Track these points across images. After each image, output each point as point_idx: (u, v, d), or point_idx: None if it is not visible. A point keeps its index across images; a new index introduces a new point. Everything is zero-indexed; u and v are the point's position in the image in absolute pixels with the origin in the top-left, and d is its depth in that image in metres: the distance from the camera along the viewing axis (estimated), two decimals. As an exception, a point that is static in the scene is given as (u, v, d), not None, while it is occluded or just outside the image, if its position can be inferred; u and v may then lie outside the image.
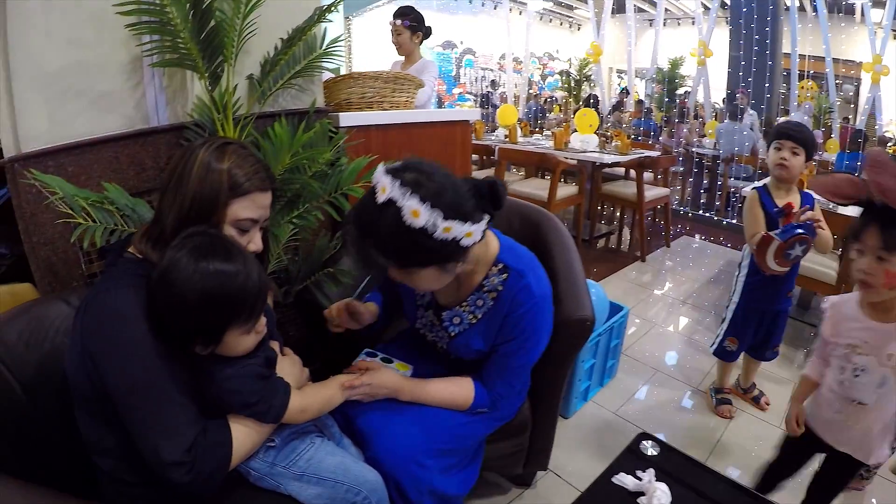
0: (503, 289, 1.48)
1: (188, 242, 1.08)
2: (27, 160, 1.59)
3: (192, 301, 1.04)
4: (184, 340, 1.09)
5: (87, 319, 1.10)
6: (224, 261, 1.07)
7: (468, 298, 1.53)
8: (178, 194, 1.16)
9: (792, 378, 3.07)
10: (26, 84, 1.59)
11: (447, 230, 1.20)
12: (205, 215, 1.16)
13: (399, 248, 1.24)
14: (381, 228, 1.21)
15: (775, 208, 2.30)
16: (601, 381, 2.89)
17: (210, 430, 1.12)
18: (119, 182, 1.65)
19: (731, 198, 6.90)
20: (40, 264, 1.67)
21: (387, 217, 1.20)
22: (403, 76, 2.46)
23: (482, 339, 1.54)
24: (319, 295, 1.86)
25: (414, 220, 1.18)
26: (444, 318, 1.58)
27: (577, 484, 2.18)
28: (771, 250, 2.12)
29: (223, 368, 1.13)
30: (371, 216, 1.22)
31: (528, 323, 1.47)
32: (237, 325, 1.10)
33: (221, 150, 1.20)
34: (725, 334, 2.63)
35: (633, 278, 4.65)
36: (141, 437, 1.06)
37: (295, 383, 1.30)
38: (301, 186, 1.75)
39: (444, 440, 1.50)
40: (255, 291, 1.10)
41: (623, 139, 5.33)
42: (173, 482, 1.04)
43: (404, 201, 1.18)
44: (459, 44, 12.52)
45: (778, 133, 2.34)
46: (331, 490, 1.29)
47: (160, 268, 1.07)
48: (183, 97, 1.88)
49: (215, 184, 1.16)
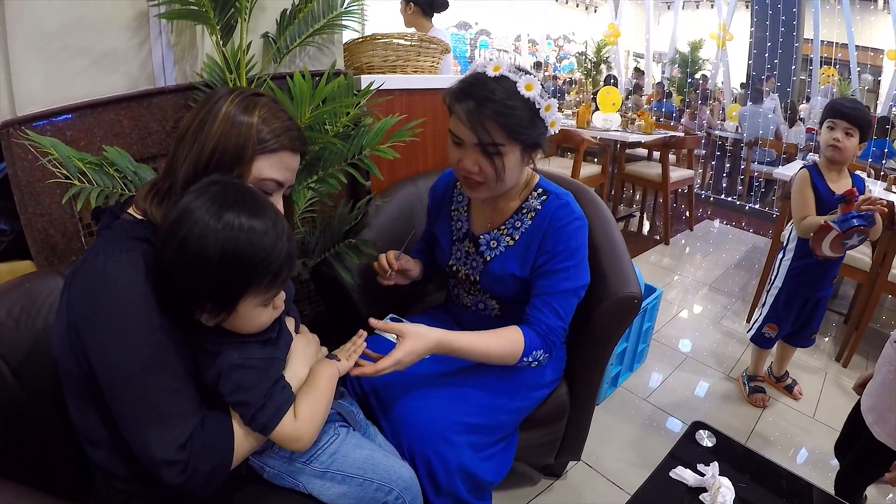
0: (542, 208, 1.50)
1: (209, 189, 0.92)
2: (22, 123, 1.47)
3: (210, 256, 0.87)
4: (190, 305, 0.93)
5: (73, 290, 0.95)
6: (252, 215, 0.90)
7: (506, 222, 1.54)
8: (196, 142, 1.00)
9: (822, 367, 2.97)
10: (22, 43, 1.47)
11: (548, 108, 1.35)
12: (225, 170, 1.00)
13: (515, 114, 1.31)
14: (501, 94, 1.30)
15: (833, 194, 2.20)
16: (631, 366, 2.79)
17: (209, 423, 0.96)
18: (122, 147, 1.52)
19: (753, 182, 6.76)
20: (37, 237, 1.55)
21: (504, 86, 1.31)
22: (429, 39, 2.31)
23: (518, 262, 1.50)
24: (340, 268, 1.72)
25: (527, 92, 1.31)
26: (482, 242, 1.57)
27: (609, 475, 2.07)
28: (828, 239, 2.00)
29: (229, 352, 0.97)
30: (488, 86, 1.31)
31: (569, 241, 1.45)
32: (257, 292, 0.94)
33: (252, 101, 1.04)
34: (765, 320, 2.51)
35: (657, 261, 4.53)
36: (129, 429, 0.91)
37: (309, 366, 1.14)
38: (322, 147, 1.61)
39: (472, 412, 1.42)
40: (284, 256, 0.94)
41: (647, 119, 5.17)
42: (165, 483, 0.89)
43: (518, 77, 1.32)
44: (474, 24, 12.32)
45: (832, 111, 2.19)
46: (358, 489, 1.16)
47: (172, 215, 0.90)
48: (192, 56, 1.75)
49: (241, 137, 1.00)
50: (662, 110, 9.14)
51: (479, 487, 1.41)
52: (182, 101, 1.71)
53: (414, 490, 1.25)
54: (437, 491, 1.34)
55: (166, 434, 0.89)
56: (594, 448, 2.18)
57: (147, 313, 0.92)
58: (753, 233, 5.55)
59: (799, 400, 2.65)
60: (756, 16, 9.45)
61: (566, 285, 1.44)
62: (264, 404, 0.98)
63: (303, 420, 1.03)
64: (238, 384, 0.96)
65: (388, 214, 2.00)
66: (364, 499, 1.16)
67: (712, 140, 7.70)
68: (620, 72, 11.46)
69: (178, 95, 1.70)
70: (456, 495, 1.36)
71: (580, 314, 1.52)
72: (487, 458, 1.44)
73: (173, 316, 0.95)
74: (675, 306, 3.69)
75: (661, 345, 3.14)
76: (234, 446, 0.97)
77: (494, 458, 1.47)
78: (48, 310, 1.22)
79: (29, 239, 1.56)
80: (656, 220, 5.65)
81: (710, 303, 3.79)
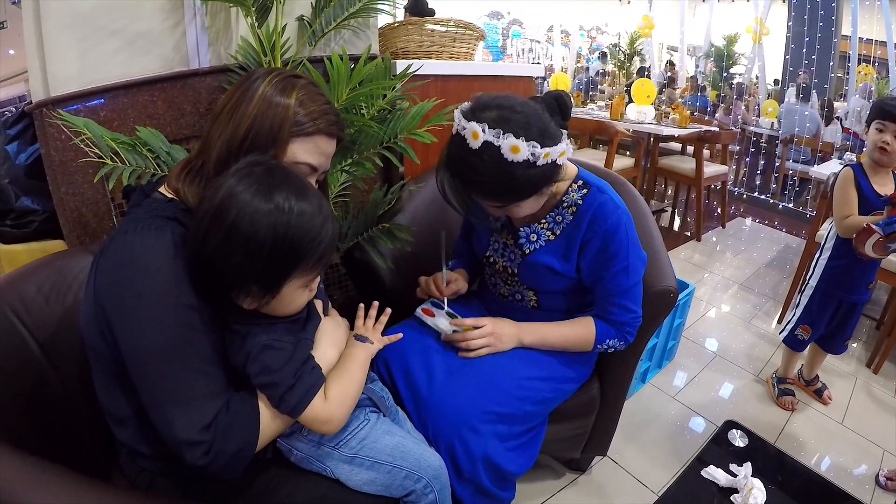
0: (582, 203, 1.45)
1: (253, 170, 0.91)
2: (56, 104, 1.48)
3: (261, 238, 0.86)
4: (233, 288, 0.92)
5: (101, 268, 0.94)
6: (299, 197, 0.90)
7: (547, 216, 1.50)
8: (231, 121, 0.99)
9: (853, 373, 2.90)
10: (56, 24, 1.47)
11: (546, 155, 1.22)
12: (259, 151, 0.99)
13: (505, 186, 1.25)
14: (483, 172, 1.23)
15: (877, 194, 2.14)
16: (660, 362, 2.74)
17: (234, 404, 0.94)
18: (155, 128, 1.52)
19: (787, 180, 6.61)
20: (69, 216, 1.56)
21: (486, 160, 1.21)
22: (465, 24, 2.28)
23: (559, 258, 1.48)
24: (373, 252, 1.71)
25: (515, 156, 1.19)
26: (521, 235, 1.53)
27: (634, 472, 2.03)
28: (870, 242, 1.95)
29: (258, 333, 0.96)
30: (470, 164, 1.23)
31: (620, 240, 1.41)
32: (302, 273, 0.93)
33: (290, 82, 1.04)
34: (798, 321, 2.44)
35: (687, 258, 4.47)
36: (153, 407, 0.90)
37: (337, 351, 1.12)
38: (357, 130, 1.60)
39: (499, 401, 1.40)
40: (329, 238, 0.94)
41: (682, 112, 5.08)
42: (188, 463, 0.88)
43: (500, 141, 1.18)
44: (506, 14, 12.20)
45: (882, 112, 2.11)
46: (386, 476, 1.14)
47: (215, 198, 0.88)
48: (227, 38, 1.74)
49: (277, 118, 1.00)
50: (697, 104, 9.00)
51: (502, 478, 1.40)
52: (216, 84, 1.71)
53: (443, 479, 1.24)
54: (458, 477, 1.33)
55: (191, 414, 0.88)
56: (620, 444, 2.14)
57: (175, 292, 0.91)
58: (786, 232, 5.43)
59: (828, 405, 2.59)
60: (793, 10, 9.24)
61: (629, 281, 1.44)
62: (293, 385, 0.97)
63: (333, 402, 1.02)
64: (266, 365, 0.95)
65: (421, 200, 1.99)
66: (392, 486, 1.15)
67: (747, 136, 7.55)
68: (654, 64, 11.28)
69: (212, 77, 1.71)
70: (478, 483, 1.34)
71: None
72: (513, 448, 1.42)
73: (201, 296, 0.94)
74: (704, 304, 3.63)
75: (690, 342, 3.09)
76: (260, 428, 0.96)
77: (520, 450, 1.45)
78: (78, 287, 1.23)
79: (61, 218, 1.57)
80: (688, 216, 5.58)
81: (741, 302, 3.71)
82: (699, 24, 11.65)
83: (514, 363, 1.46)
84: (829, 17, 8.49)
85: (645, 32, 10.58)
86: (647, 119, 5.12)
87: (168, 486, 1.06)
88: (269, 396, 0.98)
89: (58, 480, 0.83)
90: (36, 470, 0.84)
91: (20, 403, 1.09)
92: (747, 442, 1.42)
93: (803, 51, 8.51)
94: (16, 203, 2.04)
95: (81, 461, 1.05)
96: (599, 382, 1.66)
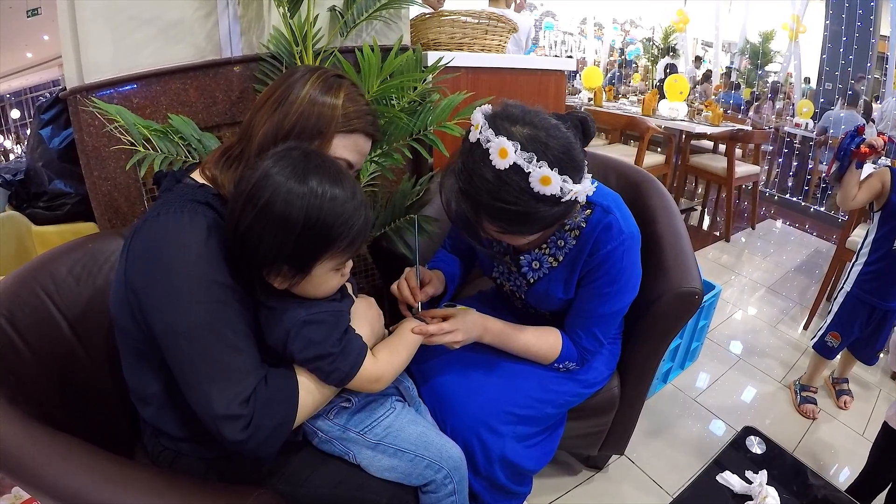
0: (586, 225, 1.33)
1: (290, 154, 0.93)
2: (90, 91, 1.51)
3: (294, 219, 0.88)
4: (266, 267, 0.93)
5: (132, 249, 0.96)
6: (334, 182, 0.92)
7: (548, 240, 1.39)
8: (277, 113, 1.03)
9: (877, 384, 2.84)
10: (90, 13, 1.50)
11: (573, 193, 1.08)
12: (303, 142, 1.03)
13: (520, 217, 1.10)
14: (502, 197, 1.07)
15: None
16: (683, 363, 2.72)
17: (272, 379, 0.95)
18: (187, 116, 1.54)
19: (821, 183, 6.47)
20: (101, 200, 1.59)
21: (510, 184, 1.06)
22: (497, 17, 2.27)
23: (562, 285, 1.39)
24: (399, 242, 1.72)
25: (544, 188, 1.04)
26: (523, 263, 1.43)
27: (650, 472, 2.03)
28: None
29: (296, 309, 0.97)
30: (487, 184, 1.07)
31: (613, 264, 1.31)
32: (333, 256, 0.95)
33: (336, 81, 1.09)
34: (828, 328, 2.41)
35: (715, 258, 4.42)
36: (190, 385, 0.91)
37: (370, 330, 1.12)
38: (387, 121, 1.61)
39: (520, 404, 1.38)
40: (362, 223, 0.95)
41: (715, 109, 5.00)
42: (226, 439, 0.88)
43: (532, 168, 1.03)
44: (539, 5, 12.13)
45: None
46: (408, 464, 1.16)
47: (251, 179, 0.90)
48: (259, 27, 1.76)
49: (325, 114, 1.05)
50: (730, 102, 8.87)
51: (519, 474, 1.39)
52: (248, 73, 1.72)
53: (462, 471, 1.25)
54: (475, 473, 1.33)
55: (229, 390, 0.89)
56: (637, 443, 2.14)
57: (208, 270, 0.92)
58: (817, 236, 5.31)
59: (845, 410, 2.56)
60: (831, 8, 9.04)
61: (606, 309, 1.37)
62: (342, 351, 0.99)
63: (383, 361, 1.08)
64: (310, 339, 0.97)
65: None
66: (412, 474, 1.17)
67: (780, 136, 7.42)
68: (688, 60, 11.13)
69: (244, 66, 1.72)
70: (493, 480, 1.35)
71: (638, 306, 1.49)
72: (531, 446, 1.42)
73: (235, 276, 0.95)
74: (730, 306, 3.59)
75: (713, 344, 3.06)
76: (299, 403, 0.97)
77: (538, 447, 1.45)
78: (109, 269, 1.26)
79: (93, 202, 1.60)
80: (717, 216, 5.50)
81: (768, 305, 3.66)
82: (735, 19, 11.47)
83: (537, 366, 1.45)
84: (868, 16, 8.28)
85: (679, 27, 10.41)
86: (680, 115, 5.05)
87: (189, 465, 1.07)
88: (316, 369, 0.99)
89: (84, 456, 0.85)
90: (63, 446, 0.86)
91: (50, 380, 1.12)
92: (765, 449, 1.39)
93: (840, 50, 8.32)
94: (49, 186, 2.09)
95: (107, 438, 1.07)
96: (620, 381, 1.65)
